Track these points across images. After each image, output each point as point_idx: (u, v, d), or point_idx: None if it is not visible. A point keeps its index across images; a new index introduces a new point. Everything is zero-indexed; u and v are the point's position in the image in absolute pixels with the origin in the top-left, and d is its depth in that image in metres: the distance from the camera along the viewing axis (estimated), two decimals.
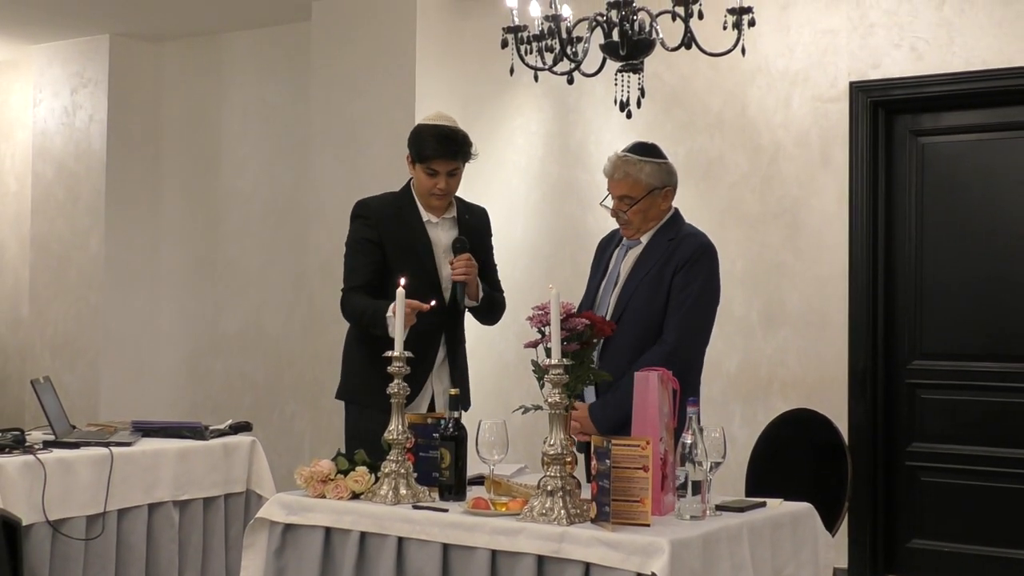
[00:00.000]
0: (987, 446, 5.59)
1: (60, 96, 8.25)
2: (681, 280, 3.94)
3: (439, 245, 4.37)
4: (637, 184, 3.99)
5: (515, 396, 5.89)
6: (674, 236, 4.02)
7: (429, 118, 4.41)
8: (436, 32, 6.88)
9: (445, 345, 4.36)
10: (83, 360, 8.03)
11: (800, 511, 3.48)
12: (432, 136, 4.26)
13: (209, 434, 4.90)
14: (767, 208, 6.04)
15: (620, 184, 4.01)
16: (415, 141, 4.31)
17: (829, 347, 5.84)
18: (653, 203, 4.02)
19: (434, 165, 4.25)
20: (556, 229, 6.65)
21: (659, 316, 3.93)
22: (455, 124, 4.36)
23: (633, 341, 3.90)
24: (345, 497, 3.49)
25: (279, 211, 7.74)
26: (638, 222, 4.03)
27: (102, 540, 4.41)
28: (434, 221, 4.37)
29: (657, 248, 4.01)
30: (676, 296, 3.93)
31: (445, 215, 4.39)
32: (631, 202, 3.99)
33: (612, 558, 2.94)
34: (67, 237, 8.17)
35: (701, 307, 3.98)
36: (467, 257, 4.27)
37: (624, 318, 3.93)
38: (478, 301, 4.37)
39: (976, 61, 5.53)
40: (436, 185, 4.28)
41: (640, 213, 4.01)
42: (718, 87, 6.18)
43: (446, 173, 4.27)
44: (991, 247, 5.61)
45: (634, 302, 3.95)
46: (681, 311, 3.92)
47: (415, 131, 4.35)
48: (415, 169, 4.32)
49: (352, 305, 4.31)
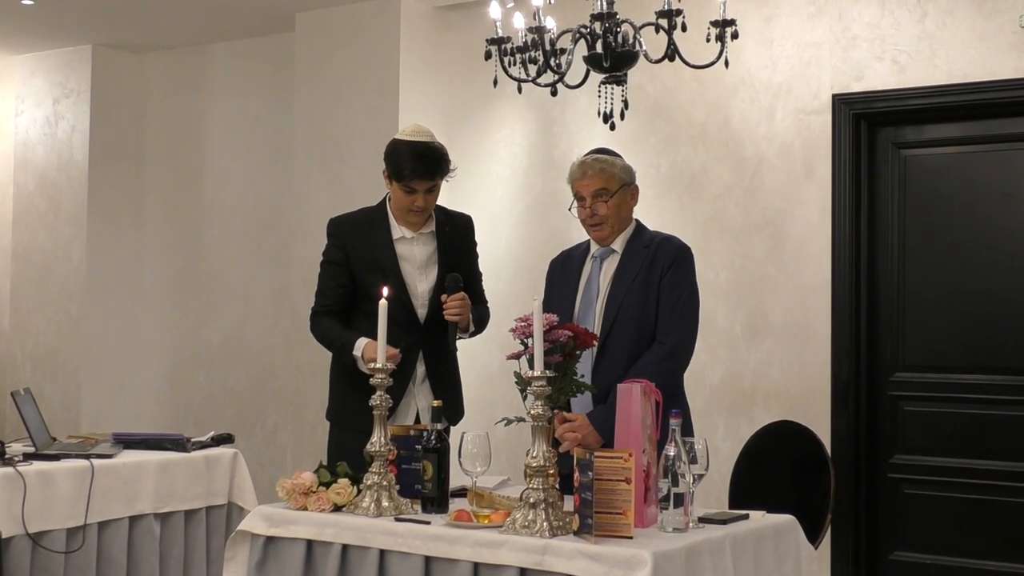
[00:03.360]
0: (969, 458, 5.60)
1: (42, 106, 8.23)
2: (670, 281, 3.95)
3: (413, 261, 4.32)
4: (612, 177, 4.00)
5: (498, 408, 5.88)
6: (649, 243, 4.03)
7: (405, 133, 4.31)
8: (420, 44, 6.88)
9: (424, 362, 4.30)
10: (64, 372, 8.00)
11: (783, 523, 3.48)
12: (409, 155, 4.19)
13: (191, 446, 4.88)
14: (750, 220, 6.05)
15: (595, 179, 4.00)
16: (392, 158, 4.25)
17: (812, 359, 5.85)
18: (624, 199, 4.03)
19: (412, 184, 4.20)
20: (540, 240, 6.65)
21: (651, 320, 3.93)
22: (432, 138, 4.28)
23: (629, 349, 3.90)
24: (327, 509, 3.47)
25: (262, 223, 7.72)
26: (613, 219, 4.01)
27: (82, 553, 4.38)
28: (409, 236, 4.33)
29: (635, 255, 4.01)
30: (668, 297, 3.94)
31: (422, 230, 4.34)
32: (608, 195, 3.99)
33: (594, 570, 2.93)
34: (48, 248, 8.14)
35: (691, 308, 4.00)
36: (461, 297, 4.20)
37: (616, 328, 3.92)
38: (469, 332, 4.34)
39: (958, 74, 5.55)
40: (414, 203, 4.23)
41: (615, 209, 4.00)
42: (701, 99, 6.20)
43: (424, 191, 4.23)
44: (973, 259, 5.63)
45: (625, 310, 3.94)
46: (676, 311, 3.93)
47: (391, 147, 4.28)
48: (392, 185, 4.27)
49: (319, 329, 4.35)
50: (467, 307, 4.23)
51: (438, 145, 4.27)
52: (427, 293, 4.30)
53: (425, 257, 4.33)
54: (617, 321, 3.94)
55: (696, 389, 5.83)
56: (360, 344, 4.17)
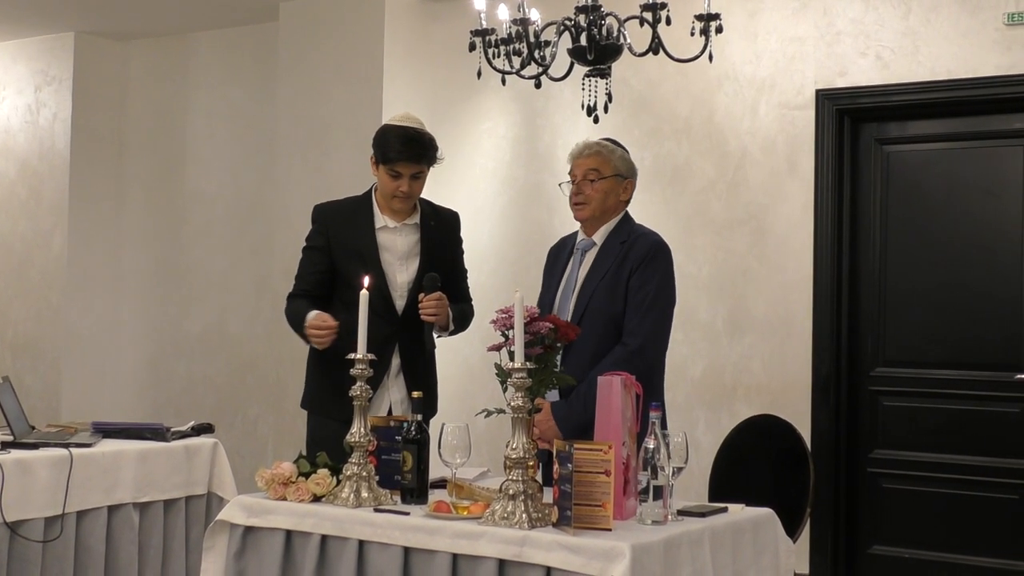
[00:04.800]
0: (948, 453, 5.63)
1: (24, 94, 8.18)
2: (637, 280, 3.94)
3: (395, 251, 4.30)
4: (607, 163, 4.04)
5: (479, 399, 5.89)
6: (626, 238, 4.03)
7: (396, 119, 4.33)
8: (404, 35, 6.86)
9: (400, 355, 4.27)
10: (44, 361, 7.96)
11: (762, 516, 3.49)
12: (397, 138, 4.19)
13: (171, 436, 4.86)
14: (733, 214, 6.05)
15: (590, 159, 4.04)
16: (380, 142, 4.25)
17: (793, 353, 5.86)
18: (614, 190, 4.04)
19: (398, 167, 4.19)
20: (523, 233, 6.65)
21: (619, 317, 3.93)
22: (422, 126, 4.29)
23: (594, 343, 3.89)
24: (306, 500, 3.47)
25: (244, 213, 7.70)
26: (597, 202, 4.02)
27: (60, 542, 4.36)
28: (391, 226, 4.31)
29: (611, 250, 4.02)
30: (634, 296, 3.94)
31: (407, 220, 4.32)
32: (597, 176, 4.01)
33: (573, 562, 2.93)
34: (29, 236, 8.10)
35: (659, 307, 3.97)
36: (437, 296, 4.17)
37: (584, 321, 3.92)
38: (448, 330, 4.32)
39: (941, 71, 5.57)
40: (399, 187, 4.22)
41: (601, 192, 4.01)
42: (685, 93, 6.20)
43: (409, 176, 4.21)
44: (955, 255, 5.65)
45: (593, 304, 3.96)
46: (640, 311, 3.92)
47: (380, 131, 4.29)
48: (378, 170, 4.26)
49: (290, 310, 4.34)
50: (444, 307, 4.20)
51: (427, 132, 4.28)
52: (406, 284, 4.28)
53: (407, 248, 4.31)
54: (585, 316, 3.94)
55: (677, 383, 5.85)
56: (310, 316, 4.15)
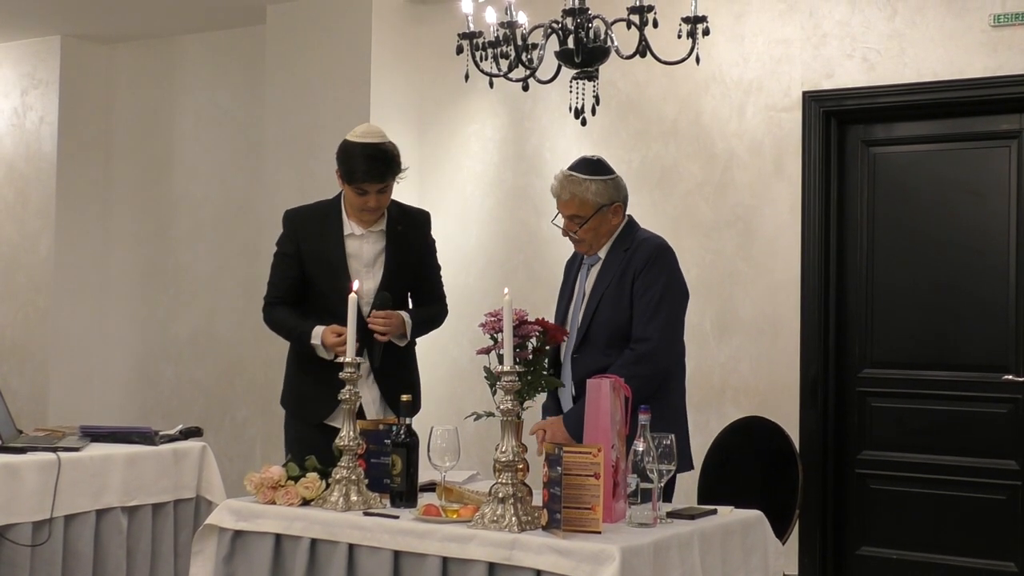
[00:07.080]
0: (936, 454, 5.64)
1: (10, 97, 8.16)
2: (641, 285, 3.97)
3: (361, 258, 4.35)
4: (585, 203, 4.03)
5: (468, 402, 5.88)
6: (629, 246, 4.05)
7: (356, 134, 4.32)
8: (392, 37, 6.86)
9: (368, 358, 4.28)
10: (31, 365, 7.94)
11: (750, 518, 3.50)
12: (362, 158, 4.22)
13: (159, 439, 4.85)
14: (720, 216, 6.06)
15: (568, 204, 4.06)
16: (344, 160, 4.28)
17: (781, 355, 5.87)
18: (603, 220, 4.05)
19: (363, 186, 4.24)
20: (510, 235, 6.65)
21: (625, 326, 3.96)
22: (383, 139, 4.29)
23: (601, 352, 3.92)
24: (295, 503, 3.47)
25: (231, 216, 7.69)
26: (590, 239, 4.07)
27: (48, 547, 4.34)
28: (359, 233, 4.35)
29: (615, 261, 4.05)
30: (639, 301, 3.96)
31: (373, 227, 4.37)
32: (581, 221, 4.04)
33: (563, 565, 2.94)
34: (16, 240, 8.08)
35: (666, 309, 3.99)
36: (384, 315, 4.23)
37: (591, 333, 3.96)
38: (406, 341, 4.36)
39: (927, 72, 5.58)
40: (366, 203, 4.27)
41: (591, 231, 4.04)
42: (672, 95, 6.21)
43: (376, 192, 4.26)
44: (941, 257, 5.66)
45: (599, 316, 3.99)
46: (646, 315, 3.94)
47: (343, 148, 4.30)
48: (344, 186, 4.31)
49: (273, 318, 4.42)
50: (393, 324, 4.24)
51: (389, 146, 4.29)
52: (372, 291, 4.32)
53: (373, 255, 4.37)
54: (592, 326, 3.98)
55: None
56: (317, 332, 4.23)
